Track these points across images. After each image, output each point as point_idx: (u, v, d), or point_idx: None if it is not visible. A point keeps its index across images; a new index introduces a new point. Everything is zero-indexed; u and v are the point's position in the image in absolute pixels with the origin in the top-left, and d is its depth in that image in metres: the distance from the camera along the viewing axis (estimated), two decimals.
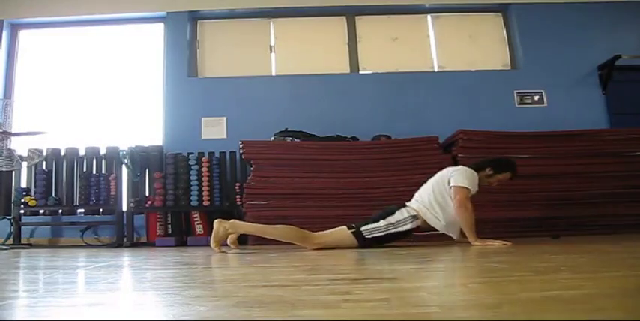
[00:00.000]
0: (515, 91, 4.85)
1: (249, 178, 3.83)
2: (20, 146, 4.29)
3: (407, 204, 2.95)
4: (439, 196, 2.89)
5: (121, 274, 1.78)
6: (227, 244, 2.96)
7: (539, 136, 3.94)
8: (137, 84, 5.11)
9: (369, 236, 2.77)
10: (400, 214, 2.85)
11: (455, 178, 2.88)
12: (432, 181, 3.01)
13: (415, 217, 2.85)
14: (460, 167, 3.02)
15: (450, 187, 2.86)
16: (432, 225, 2.89)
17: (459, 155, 3.76)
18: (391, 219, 2.83)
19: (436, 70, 5.09)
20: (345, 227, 2.83)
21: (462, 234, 2.98)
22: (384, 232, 2.79)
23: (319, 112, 4.70)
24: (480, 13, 5.25)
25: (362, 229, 2.78)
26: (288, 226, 2.84)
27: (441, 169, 3.76)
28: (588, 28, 4.97)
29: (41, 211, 4.37)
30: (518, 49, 5.03)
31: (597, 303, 0.88)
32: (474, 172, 2.93)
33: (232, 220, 2.85)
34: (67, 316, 0.90)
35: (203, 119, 4.77)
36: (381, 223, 2.81)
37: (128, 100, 5.05)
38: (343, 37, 5.15)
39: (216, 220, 2.82)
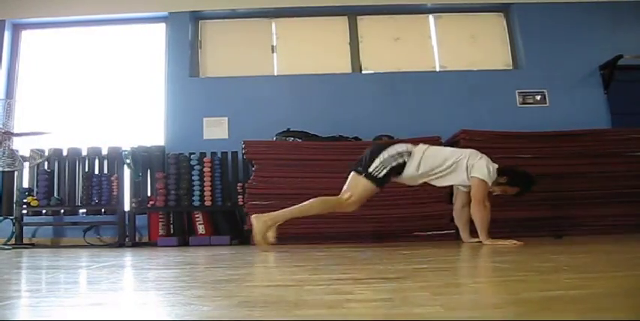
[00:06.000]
0: (517, 91, 4.84)
1: (251, 178, 3.83)
2: (22, 146, 4.30)
3: (403, 145, 2.92)
4: (443, 162, 2.82)
5: (124, 274, 1.78)
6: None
7: (541, 136, 3.93)
8: (139, 84, 5.11)
9: (380, 175, 2.77)
10: (393, 149, 2.84)
11: (479, 169, 2.76)
12: (447, 152, 2.92)
13: (406, 154, 2.82)
14: (484, 157, 2.84)
15: (471, 177, 2.76)
16: (409, 169, 2.82)
17: None
18: (384, 155, 2.82)
19: (438, 70, 5.08)
20: (353, 174, 2.84)
21: (471, 233, 2.96)
22: (387, 169, 2.78)
23: (321, 112, 4.70)
24: (481, 13, 5.24)
25: (369, 171, 2.78)
26: (317, 198, 2.80)
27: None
28: (590, 28, 4.96)
29: (43, 211, 4.37)
30: (520, 49, 5.02)
31: (601, 303, 0.88)
32: (495, 169, 2.82)
33: (268, 213, 2.75)
34: (70, 316, 0.91)
35: (205, 119, 4.77)
36: (376, 162, 2.80)
37: (130, 100, 5.05)
38: (345, 37, 5.15)
39: (253, 216, 2.75)
